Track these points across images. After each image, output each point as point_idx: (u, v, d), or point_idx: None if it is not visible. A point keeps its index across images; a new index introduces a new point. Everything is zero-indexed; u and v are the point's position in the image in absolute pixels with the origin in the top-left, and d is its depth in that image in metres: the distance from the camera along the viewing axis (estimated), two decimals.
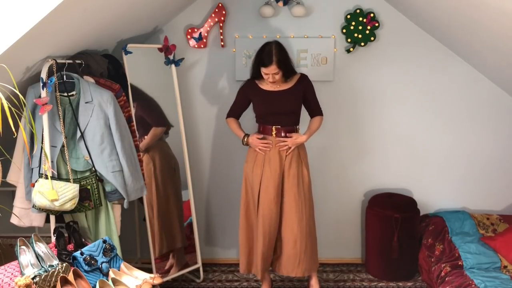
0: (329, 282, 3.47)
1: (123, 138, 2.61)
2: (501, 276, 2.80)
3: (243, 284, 3.45)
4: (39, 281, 1.97)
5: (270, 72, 2.87)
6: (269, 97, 2.98)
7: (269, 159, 2.99)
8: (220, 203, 3.73)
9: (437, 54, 3.46)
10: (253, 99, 3.04)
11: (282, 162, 2.98)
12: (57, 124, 2.49)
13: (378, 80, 3.52)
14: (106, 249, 2.27)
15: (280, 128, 2.98)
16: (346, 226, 3.74)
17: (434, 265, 3.11)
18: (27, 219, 2.60)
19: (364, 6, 3.39)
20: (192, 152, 3.59)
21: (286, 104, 2.97)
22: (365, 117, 3.58)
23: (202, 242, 3.66)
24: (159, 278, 2.21)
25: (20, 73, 2.37)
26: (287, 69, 2.93)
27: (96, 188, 2.53)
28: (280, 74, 2.89)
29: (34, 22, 1.95)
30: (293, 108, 2.99)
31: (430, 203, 3.67)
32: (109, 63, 2.91)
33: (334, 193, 3.69)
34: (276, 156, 2.98)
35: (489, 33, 2.66)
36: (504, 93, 3.49)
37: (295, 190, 2.98)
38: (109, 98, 2.56)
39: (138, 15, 2.90)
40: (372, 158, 3.64)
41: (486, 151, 3.59)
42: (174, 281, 3.41)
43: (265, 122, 3.02)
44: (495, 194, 3.64)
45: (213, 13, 3.38)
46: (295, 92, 2.97)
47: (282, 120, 2.99)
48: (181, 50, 3.42)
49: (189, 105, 3.56)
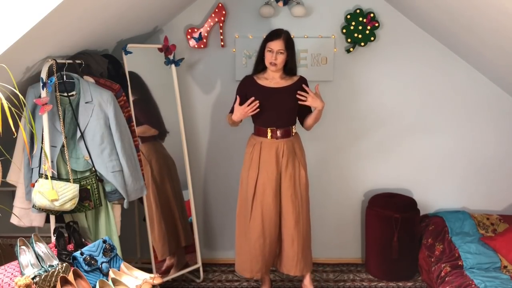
0: (329, 282, 3.47)
1: (123, 138, 2.61)
2: (501, 276, 2.81)
3: (243, 284, 3.45)
4: (39, 281, 1.97)
5: (275, 48, 2.82)
6: (265, 92, 2.92)
7: (264, 161, 2.96)
8: (220, 203, 3.73)
9: (437, 54, 3.46)
10: (250, 94, 2.95)
11: (279, 163, 2.95)
12: (57, 124, 2.49)
13: (378, 80, 3.52)
14: (106, 249, 2.27)
15: (276, 129, 2.95)
16: (346, 226, 3.74)
17: (434, 265, 3.11)
18: (27, 219, 2.60)
19: (364, 6, 3.39)
20: (192, 152, 3.59)
21: (282, 100, 2.92)
22: (365, 117, 3.58)
23: (202, 242, 3.66)
24: (159, 278, 2.21)
25: (20, 73, 2.37)
26: (291, 59, 2.90)
27: (96, 188, 2.53)
28: (283, 56, 2.85)
29: (34, 22, 1.95)
30: (290, 105, 2.94)
31: (430, 203, 3.67)
32: (109, 63, 2.90)
33: (334, 193, 3.69)
34: (272, 157, 2.94)
35: (489, 33, 2.66)
36: (504, 93, 3.50)
37: (292, 191, 2.96)
38: (109, 98, 2.56)
39: (138, 15, 2.89)
40: (372, 158, 3.64)
41: (486, 151, 3.59)
42: (174, 281, 3.41)
43: (260, 122, 2.98)
44: (495, 194, 3.64)
45: (213, 13, 3.38)
46: (293, 91, 2.92)
47: (278, 120, 2.94)
48: (181, 50, 3.42)
49: (189, 105, 3.56)
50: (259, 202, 2.98)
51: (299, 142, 3.08)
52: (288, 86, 2.94)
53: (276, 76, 2.96)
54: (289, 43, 2.87)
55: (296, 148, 3.01)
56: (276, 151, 2.95)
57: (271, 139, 2.96)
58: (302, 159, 3.04)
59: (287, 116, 2.97)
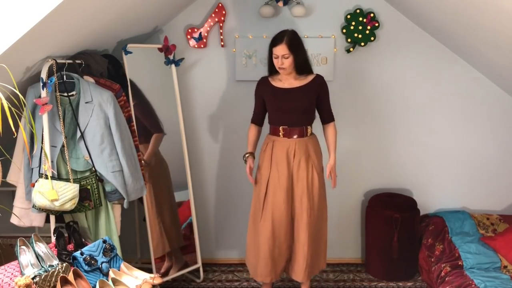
0: (329, 282, 3.47)
1: (123, 138, 2.61)
2: (501, 276, 2.80)
3: (243, 284, 3.45)
4: (39, 281, 1.97)
5: (279, 53, 2.75)
6: (279, 94, 2.88)
7: (276, 161, 2.91)
8: (220, 203, 3.73)
9: (437, 54, 3.46)
10: (265, 96, 2.93)
11: (290, 164, 2.89)
12: (57, 124, 2.49)
13: (378, 80, 3.52)
14: (106, 249, 2.27)
15: (288, 128, 2.88)
16: (346, 226, 3.74)
17: (434, 265, 3.11)
18: (27, 219, 2.60)
19: (364, 6, 3.39)
20: (192, 152, 3.59)
21: (296, 101, 2.85)
22: (365, 117, 3.58)
23: (202, 242, 3.65)
24: (159, 278, 2.21)
25: (20, 73, 2.37)
26: (299, 59, 2.80)
27: (96, 188, 2.53)
28: (290, 59, 2.77)
29: (34, 22, 1.95)
30: (303, 106, 2.86)
31: (430, 203, 3.67)
32: (109, 63, 2.91)
33: (334, 193, 3.67)
34: (283, 158, 2.89)
35: (489, 33, 2.66)
36: (504, 93, 3.49)
37: (303, 194, 2.89)
38: (109, 98, 2.56)
39: (138, 15, 2.89)
40: (372, 158, 3.64)
41: (486, 151, 3.59)
42: (174, 281, 3.41)
43: (274, 122, 2.94)
44: (495, 194, 3.64)
45: (213, 13, 3.38)
46: (308, 90, 2.85)
47: (291, 120, 2.87)
48: (181, 50, 3.42)
49: (189, 105, 3.55)
50: (270, 202, 2.92)
51: (315, 143, 2.98)
52: (301, 86, 2.87)
53: (290, 77, 2.89)
54: (293, 45, 2.76)
55: (310, 149, 2.92)
56: (287, 150, 2.89)
57: (283, 137, 2.91)
58: (316, 162, 2.93)
59: (299, 116, 2.89)
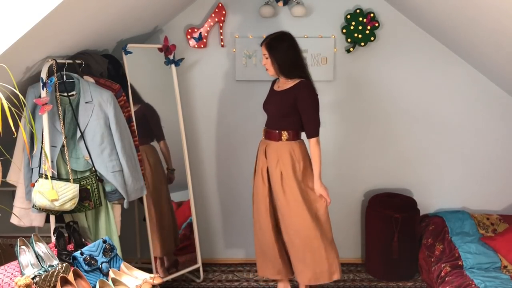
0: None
1: (123, 138, 2.61)
2: (501, 276, 2.80)
3: (243, 284, 3.45)
4: (39, 281, 1.97)
5: (263, 53, 2.83)
6: (268, 95, 2.99)
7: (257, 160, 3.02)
8: (220, 203, 3.73)
9: (437, 54, 3.46)
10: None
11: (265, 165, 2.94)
12: (57, 124, 2.49)
13: (378, 80, 3.52)
14: (106, 249, 2.27)
15: (267, 129, 2.96)
16: (346, 226, 3.74)
17: (434, 265, 3.11)
18: (27, 219, 2.60)
19: (364, 6, 3.39)
20: (192, 152, 3.59)
21: (274, 105, 2.90)
22: (365, 117, 3.58)
23: (202, 242, 3.65)
24: (159, 278, 2.21)
25: (20, 73, 2.37)
26: (279, 61, 2.77)
27: (96, 188, 2.53)
28: (269, 61, 2.80)
29: (34, 22, 1.95)
30: (277, 110, 2.86)
31: (430, 203, 3.66)
32: (109, 63, 2.91)
33: (334, 193, 3.66)
34: (262, 158, 2.96)
35: (489, 33, 2.66)
36: (504, 93, 3.49)
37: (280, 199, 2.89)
38: (109, 98, 2.56)
39: (138, 15, 2.90)
40: (372, 158, 3.64)
41: (486, 151, 3.59)
42: (174, 281, 3.41)
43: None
44: (495, 194, 3.64)
45: (213, 13, 3.38)
46: (285, 95, 2.83)
47: (270, 122, 2.95)
48: (181, 50, 3.42)
49: (189, 105, 3.55)
50: (255, 203, 3.03)
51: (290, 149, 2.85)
52: (283, 90, 2.87)
53: (282, 80, 2.90)
54: (271, 47, 2.77)
55: (282, 153, 2.84)
56: (265, 151, 2.95)
57: (263, 138, 2.99)
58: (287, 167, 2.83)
59: (277, 119, 2.89)
